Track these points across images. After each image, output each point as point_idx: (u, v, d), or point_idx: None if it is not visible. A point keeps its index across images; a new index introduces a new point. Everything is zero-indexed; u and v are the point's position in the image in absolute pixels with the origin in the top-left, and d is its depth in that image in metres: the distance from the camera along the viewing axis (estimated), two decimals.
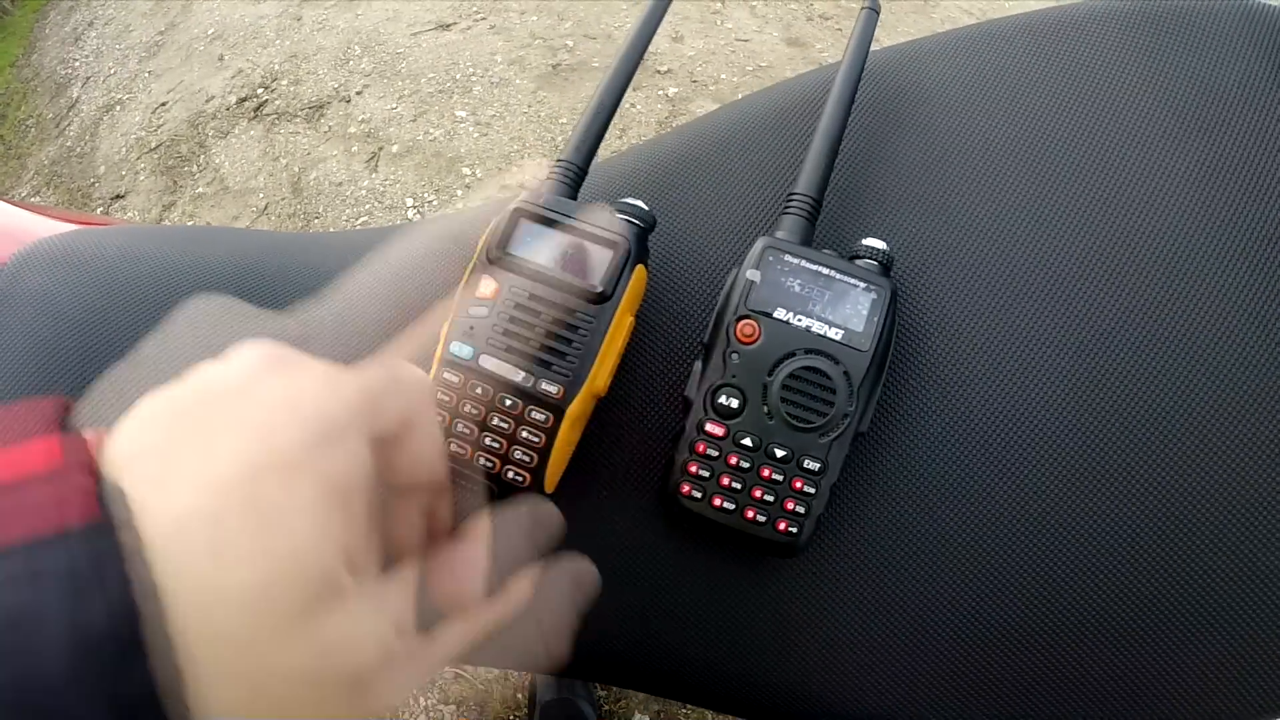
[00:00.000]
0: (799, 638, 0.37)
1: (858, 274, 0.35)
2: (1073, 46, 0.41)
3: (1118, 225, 0.38)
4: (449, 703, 1.32)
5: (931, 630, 0.36)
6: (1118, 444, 0.35)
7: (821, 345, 0.34)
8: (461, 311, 0.35)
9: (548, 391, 0.34)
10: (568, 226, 0.35)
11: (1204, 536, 0.35)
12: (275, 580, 0.19)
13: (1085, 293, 0.37)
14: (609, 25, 2.32)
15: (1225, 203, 0.37)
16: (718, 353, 0.34)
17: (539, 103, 2.09)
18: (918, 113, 0.41)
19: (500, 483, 0.34)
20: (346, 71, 2.25)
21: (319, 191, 1.97)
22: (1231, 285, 0.36)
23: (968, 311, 0.38)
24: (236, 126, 2.18)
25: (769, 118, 0.42)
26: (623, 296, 0.34)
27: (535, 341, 0.34)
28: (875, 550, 0.36)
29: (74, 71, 2.58)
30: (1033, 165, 0.39)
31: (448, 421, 0.34)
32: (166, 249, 0.42)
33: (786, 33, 2.33)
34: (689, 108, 2.06)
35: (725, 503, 0.34)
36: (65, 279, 0.40)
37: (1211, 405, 0.35)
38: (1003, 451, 0.36)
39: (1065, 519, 0.35)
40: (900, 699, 0.36)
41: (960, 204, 0.39)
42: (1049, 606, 0.35)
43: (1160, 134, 0.39)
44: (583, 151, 0.38)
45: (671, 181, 0.41)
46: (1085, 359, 0.36)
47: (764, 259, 0.35)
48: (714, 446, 0.34)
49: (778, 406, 0.33)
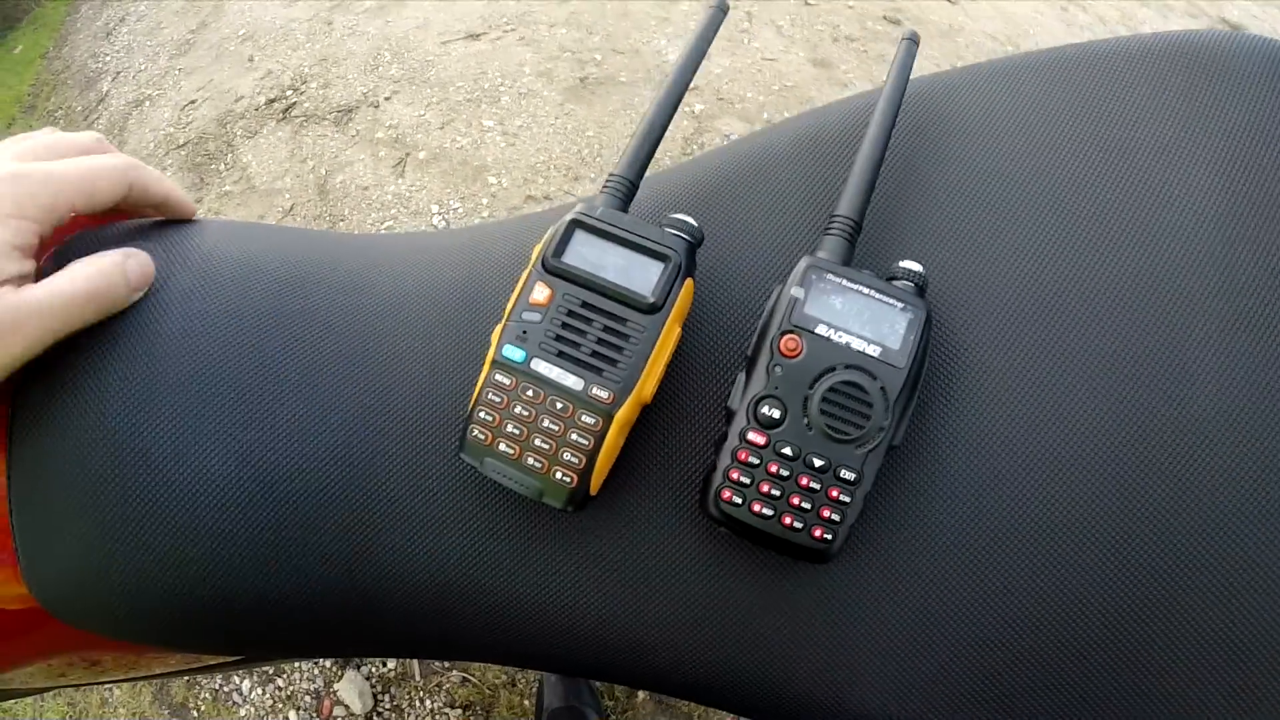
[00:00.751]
0: (826, 646, 0.38)
1: (896, 294, 0.36)
2: (1103, 83, 0.43)
3: (1144, 261, 0.39)
4: (455, 707, 1.33)
5: (950, 639, 0.37)
6: (1137, 470, 0.36)
7: (861, 361, 0.35)
8: (515, 316, 0.37)
9: (598, 396, 0.35)
10: (621, 239, 0.37)
11: (1225, 554, 0.35)
12: None
13: (1106, 320, 0.38)
14: (637, 40, 2.35)
15: (1252, 241, 0.38)
16: (761, 365, 0.36)
17: (566, 115, 2.12)
18: (952, 142, 0.43)
19: (552, 485, 0.36)
20: (376, 77, 2.28)
21: (345, 194, 2.00)
22: (1257, 317, 0.37)
23: (993, 336, 0.39)
24: (265, 127, 2.22)
25: (811, 141, 0.44)
26: (673, 308, 0.36)
27: (587, 348, 0.36)
28: (905, 560, 0.37)
29: (104, 66, 2.63)
30: (1061, 199, 0.40)
31: (497, 422, 0.36)
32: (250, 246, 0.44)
33: (813, 53, 2.36)
34: (715, 125, 2.09)
35: (764, 509, 0.35)
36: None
37: (1229, 432, 0.36)
38: (1025, 471, 0.37)
39: (1082, 536, 0.36)
40: (914, 706, 0.37)
41: (990, 233, 0.40)
42: (1065, 620, 0.36)
43: (1189, 174, 0.40)
44: (635, 168, 0.40)
45: (717, 199, 0.43)
46: (1106, 386, 0.37)
47: (807, 277, 0.37)
48: (755, 455, 0.35)
49: (817, 418, 0.35)
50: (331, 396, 0.40)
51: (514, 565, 0.39)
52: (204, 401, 0.38)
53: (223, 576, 0.38)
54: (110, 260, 0.37)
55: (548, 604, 0.39)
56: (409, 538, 0.39)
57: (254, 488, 0.38)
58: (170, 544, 0.37)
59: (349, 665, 1.37)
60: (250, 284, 0.41)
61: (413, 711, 1.33)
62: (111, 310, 0.37)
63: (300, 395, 0.39)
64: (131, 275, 0.38)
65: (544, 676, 1.29)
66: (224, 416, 0.38)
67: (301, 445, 0.39)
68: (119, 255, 0.38)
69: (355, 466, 0.39)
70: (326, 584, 0.39)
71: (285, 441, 0.39)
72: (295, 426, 0.39)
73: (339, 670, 1.36)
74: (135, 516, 0.37)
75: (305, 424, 0.39)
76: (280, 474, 0.38)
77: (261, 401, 0.39)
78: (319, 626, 0.41)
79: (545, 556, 0.39)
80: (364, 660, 1.36)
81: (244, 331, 0.40)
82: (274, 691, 1.35)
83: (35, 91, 2.67)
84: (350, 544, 0.39)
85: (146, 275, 0.39)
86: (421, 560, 0.39)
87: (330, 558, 0.39)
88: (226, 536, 0.38)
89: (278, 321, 0.41)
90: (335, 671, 1.36)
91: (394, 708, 1.33)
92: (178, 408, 0.38)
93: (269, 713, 1.34)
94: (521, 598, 0.39)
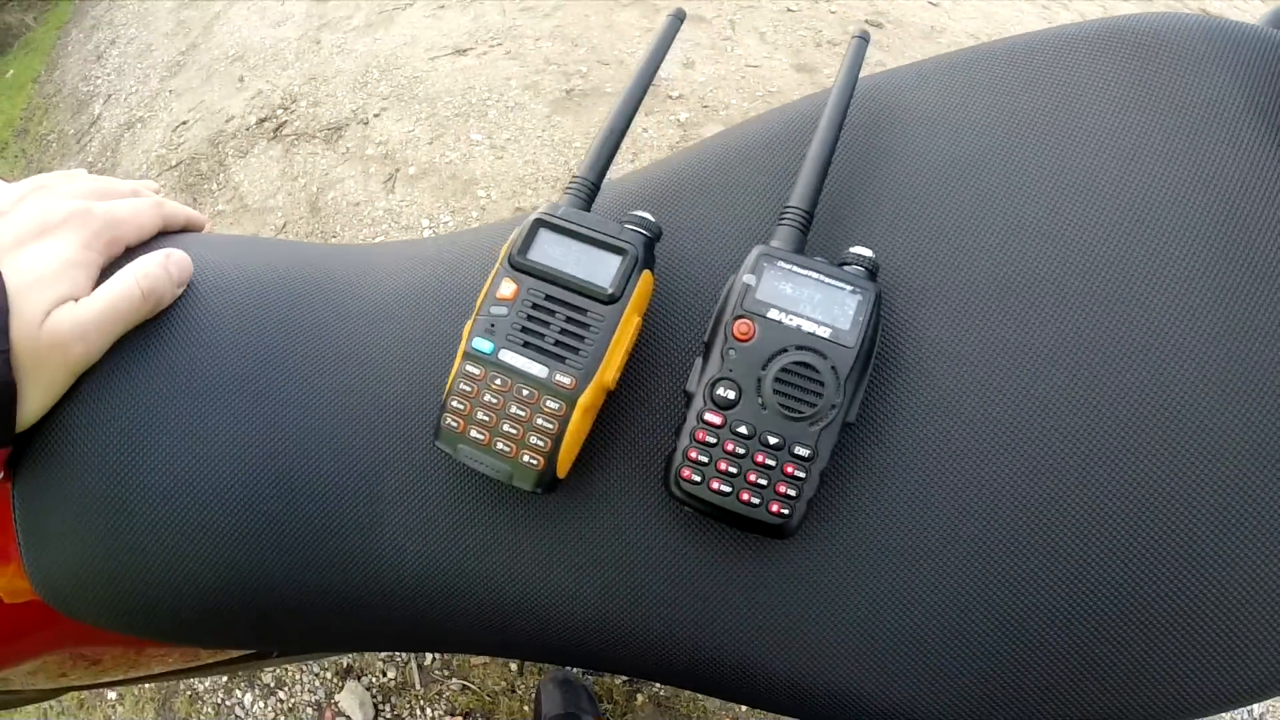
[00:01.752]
0: (790, 622, 0.39)
1: (845, 278, 0.38)
2: (1052, 69, 0.44)
3: (1096, 240, 0.40)
4: (455, 714, 1.34)
5: (916, 615, 0.38)
6: (1096, 442, 0.37)
7: (811, 342, 0.37)
8: (484, 310, 0.39)
9: (562, 383, 0.37)
10: (582, 235, 0.39)
11: (1190, 521, 0.36)
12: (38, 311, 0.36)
13: (1059, 297, 0.39)
14: (621, 52, 2.37)
15: (1196, 214, 0.39)
16: (716, 350, 0.38)
17: (553, 127, 2.14)
18: (905, 133, 0.44)
19: (520, 468, 0.38)
20: (365, 94, 2.31)
21: (336, 211, 2.02)
22: (1202, 286, 0.38)
23: (948, 315, 0.40)
24: (256, 146, 2.24)
25: (766, 139, 0.46)
26: (630, 298, 0.38)
27: (551, 338, 0.38)
28: (864, 535, 0.38)
29: (96, 89, 2.65)
30: (1015, 183, 0.42)
31: (469, 410, 0.38)
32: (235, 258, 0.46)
33: (795, 59, 2.38)
34: (700, 132, 2.11)
35: (722, 486, 0.36)
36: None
37: (1190, 400, 0.37)
38: (978, 448, 0.38)
39: (1040, 509, 0.37)
40: (888, 677, 0.38)
41: (940, 218, 0.42)
42: (1029, 593, 0.37)
43: (1132, 151, 0.41)
44: (596, 169, 0.42)
45: (676, 197, 0.45)
46: (1058, 361, 0.38)
47: (759, 265, 0.38)
48: (712, 434, 0.37)
49: (771, 398, 0.37)
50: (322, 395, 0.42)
51: (490, 550, 0.41)
52: (201, 405, 0.40)
53: (217, 569, 0.40)
54: (155, 261, 0.40)
55: (523, 584, 0.40)
56: (403, 531, 0.41)
57: (258, 482, 0.40)
58: (172, 538, 0.39)
59: (349, 676, 1.37)
60: (251, 289, 0.44)
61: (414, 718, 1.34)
62: (161, 306, 0.41)
63: (289, 392, 0.42)
64: (174, 272, 0.41)
65: (541, 683, 1.30)
66: (220, 416, 0.40)
67: (300, 442, 0.41)
68: (161, 256, 0.41)
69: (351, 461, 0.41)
70: (323, 579, 0.41)
71: (283, 438, 0.41)
72: (294, 425, 0.41)
73: (339, 681, 1.37)
74: (139, 512, 0.39)
75: (302, 421, 0.41)
76: (283, 469, 0.40)
77: (262, 398, 0.41)
78: (316, 621, 0.43)
79: (518, 539, 0.40)
80: (364, 670, 1.37)
81: (245, 334, 0.42)
82: (275, 704, 1.36)
83: (28, 115, 2.69)
84: (345, 538, 0.41)
85: (186, 272, 0.42)
86: (409, 552, 0.41)
87: (327, 552, 0.41)
88: (229, 532, 0.39)
89: (275, 325, 0.43)
90: (336, 683, 1.37)
91: (395, 717, 1.34)
92: (183, 407, 0.40)
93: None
94: (495, 580, 0.41)
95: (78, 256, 0.38)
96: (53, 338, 0.36)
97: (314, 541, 0.40)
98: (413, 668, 1.37)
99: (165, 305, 0.41)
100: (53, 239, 0.38)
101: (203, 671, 0.69)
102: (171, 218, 0.46)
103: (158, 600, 0.40)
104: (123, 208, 0.42)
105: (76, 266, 0.38)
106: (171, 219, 0.46)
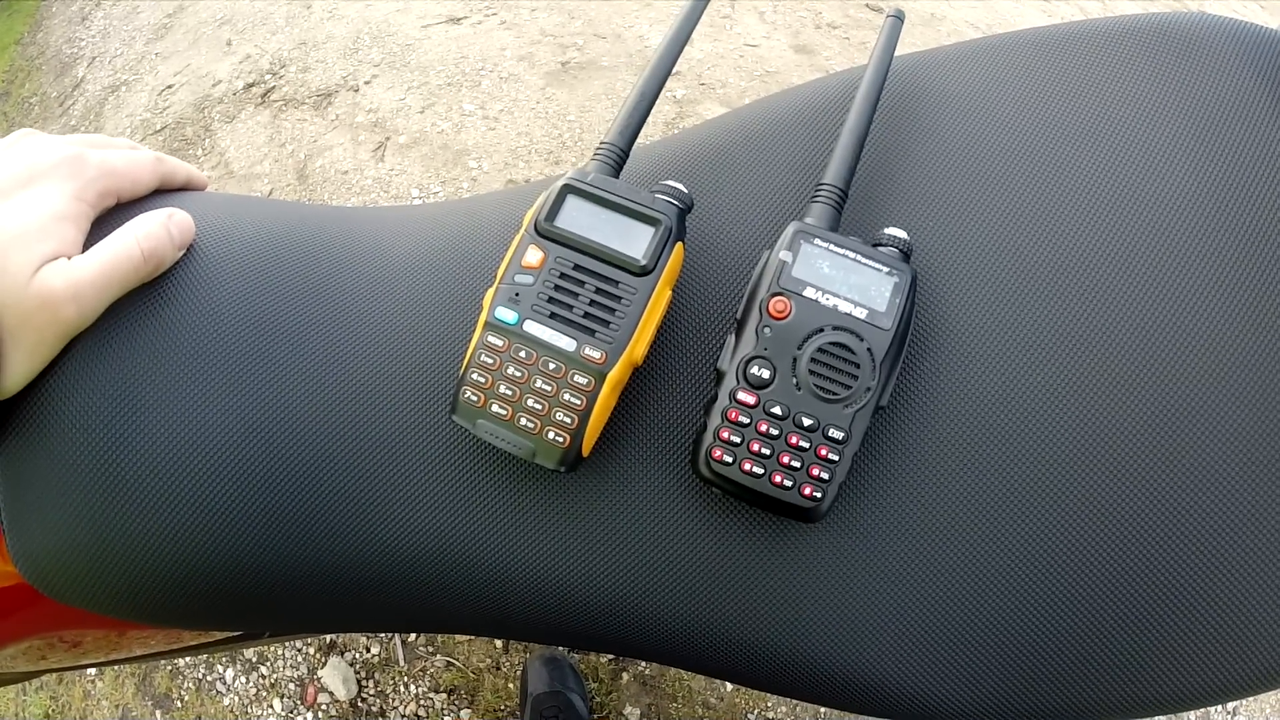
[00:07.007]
0: (810, 606, 0.38)
1: (882, 259, 0.37)
2: (1079, 61, 0.44)
3: (1120, 227, 0.40)
4: (440, 691, 1.33)
5: (938, 597, 0.38)
6: (1113, 428, 0.38)
7: (848, 323, 0.36)
8: (507, 279, 0.37)
9: (591, 357, 0.36)
10: (613, 203, 0.37)
11: (1199, 515, 0.37)
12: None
13: (1088, 288, 0.39)
14: (619, 25, 2.34)
15: (1221, 209, 0.40)
16: (750, 327, 0.36)
17: (547, 99, 2.11)
18: (935, 115, 0.44)
19: (544, 445, 0.36)
20: (355, 61, 2.27)
21: (324, 179, 1.98)
22: (1226, 281, 0.39)
23: (979, 299, 0.40)
24: (243, 111, 2.19)
25: (799, 113, 0.45)
26: (663, 271, 0.36)
27: (579, 309, 0.36)
28: (884, 519, 0.38)
29: (80, 51, 2.59)
30: (1042, 170, 0.42)
31: (490, 383, 0.36)
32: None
33: (794, 40, 2.36)
34: (696, 110, 2.09)
35: (754, 467, 0.35)
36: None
37: (1206, 393, 0.37)
38: (1007, 430, 0.38)
39: (1063, 497, 0.37)
40: (907, 663, 0.38)
41: (971, 202, 0.41)
42: (1050, 577, 0.37)
43: (1160, 146, 0.41)
44: (626, 135, 0.40)
45: (707, 167, 0.44)
46: (1084, 347, 0.38)
47: (796, 241, 0.37)
48: (745, 414, 0.36)
49: (806, 378, 0.36)
50: (328, 363, 0.40)
51: (506, 530, 0.39)
52: (200, 372, 0.38)
53: (216, 548, 0.38)
54: (157, 221, 0.38)
55: (538, 565, 0.39)
56: (409, 508, 0.39)
57: (257, 459, 0.38)
58: (165, 515, 0.37)
59: (333, 652, 1.36)
60: (257, 253, 0.42)
61: (397, 696, 1.33)
62: (160, 269, 0.38)
63: (294, 361, 0.40)
64: (175, 233, 0.39)
65: (528, 661, 1.29)
66: (220, 385, 0.38)
67: (306, 415, 0.39)
68: (163, 215, 0.38)
69: (359, 435, 0.39)
70: (322, 558, 0.39)
71: (281, 411, 0.39)
72: (300, 397, 0.39)
73: (322, 657, 1.36)
74: (128, 488, 0.37)
75: (308, 393, 0.39)
76: (287, 444, 0.39)
77: (258, 368, 0.39)
78: (314, 603, 0.41)
79: (536, 518, 0.39)
80: (348, 646, 1.36)
81: (249, 299, 0.40)
82: (257, 680, 1.35)
83: (10, 78, 2.63)
84: (348, 515, 0.39)
85: (188, 234, 0.40)
86: (418, 531, 0.39)
87: (328, 531, 0.39)
88: (221, 507, 0.38)
89: (282, 291, 0.41)
90: (319, 658, 1.36)
91: (378, 693, 1.33)
92: (181, 376, 0.38)
93: (253, 701, 1.33)
94: (510, 561, 0.39)
95: (68, 208, 0.36)
96: (41, 296, 0.33)
97: (316, 520, 0.39)
98: (397, 644, 1.36)
99: (165, 268, 0.39)
100: (42, 187, 0.36)
101: (185, 652, 0.68)
102: (170, 175, 0.43)
103: (147, 580, 0.38)
104: (119, 158, 0.40)
105: (66, 220, 0.35)
106: (170, 176, 0.43)
